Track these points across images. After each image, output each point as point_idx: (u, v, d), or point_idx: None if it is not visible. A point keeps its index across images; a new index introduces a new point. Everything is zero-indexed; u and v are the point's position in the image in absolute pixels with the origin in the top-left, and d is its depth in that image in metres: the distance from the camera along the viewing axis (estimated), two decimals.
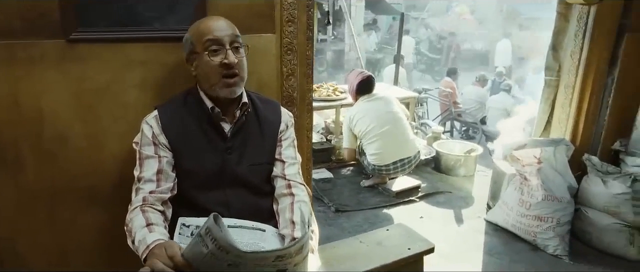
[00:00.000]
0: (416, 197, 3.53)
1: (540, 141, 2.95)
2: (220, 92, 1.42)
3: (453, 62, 11.26)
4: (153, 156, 1.40)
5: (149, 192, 1.36)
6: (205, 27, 1.41)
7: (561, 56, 2.96)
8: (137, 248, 1.24)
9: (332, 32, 11.91)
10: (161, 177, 1.39)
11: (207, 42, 1.38)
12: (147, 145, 1.41)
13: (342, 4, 7.55)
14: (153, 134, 1.42)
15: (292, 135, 1.62)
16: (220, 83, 1.40)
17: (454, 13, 12.39)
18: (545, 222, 2.73)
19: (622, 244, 2.67)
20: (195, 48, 1.42)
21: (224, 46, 1.39)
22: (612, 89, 2.86)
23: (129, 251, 1.65)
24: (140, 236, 1.23)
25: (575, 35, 2.81)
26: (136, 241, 1.24)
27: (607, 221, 2.70)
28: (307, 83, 2.03)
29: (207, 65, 1.39)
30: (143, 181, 1.38)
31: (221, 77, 1.40)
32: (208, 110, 1.45)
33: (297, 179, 1.56)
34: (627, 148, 2.89)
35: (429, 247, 1.94)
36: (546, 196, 2.72)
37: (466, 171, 3.97)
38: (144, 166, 1.39)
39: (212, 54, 1.39)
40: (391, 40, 12.24)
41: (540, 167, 2.78)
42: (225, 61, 1.38)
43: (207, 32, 1.39)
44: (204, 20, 1.46)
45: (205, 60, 1.39)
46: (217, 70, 1.39)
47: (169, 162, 1.42)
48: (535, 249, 2.77)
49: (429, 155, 4.19)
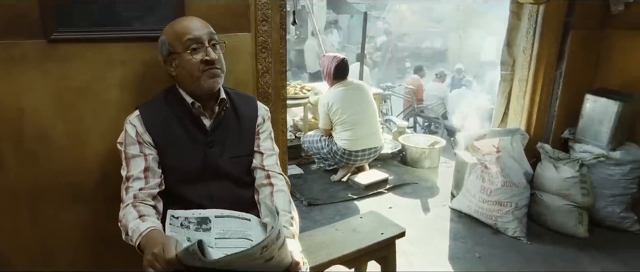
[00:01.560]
0: (384, 189, 3.68)
1: (498, 131, 3.16)
2: (204, 84, 1.47)
3: (389, 62, 11.42)
4: (139, 155, 1.45)
5: (139, 189, 1.41)
6: (183, 28, 1.46)
7: (515, 52, 3.17)
8: (131, 238, 1.29)
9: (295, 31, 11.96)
10: (149, 174, 1.44)
11: (187, 42, 1.44)
12: (132, 144, 1.46)
13: (306, 3, 7.64)
14: (137, 133, 1.46)
15: (269, 128, 1.70)
16: (203, 76, 1.46)
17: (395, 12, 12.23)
18: (504, 207, 2.93)
19: (573, 224, 2.91)
20: (174, 49, 1.46)
21: (203, 44, 1.45)
22: (560, 81, 3.10)
23: (112, 245, 1.71)
24: (133, 226, 1.29)
25: (527, 32, 3.03)
26: (129, 231, 1.29)
27: (559, 203, 2.93)
28: (281, 80, 2.12)
29: (189, 63, 1.45)
30: (132, 180, 1.42)
31: (203, 72, 1.45)
32: (189, 107, 1.50)
33: (276, 169, 1.64)
34: (575, 136, 3.14)
35: (400, 232, 2.07)
36: (505, 183, 2.92)
37: (431, 162, 4.16)
38: (131, 165, 1.44)
39: (193, 53, 1.44)
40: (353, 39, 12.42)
41: (499, 156, 2.97)
42: (206, 58, 1.44)
43: (186, 32, 1.44)
44: (178, 21, 1.51)
45: (186, 59, 1.45)
46: (199, 67, 1.45)
47: (155, 159, 1.47)
48: (497, 232, 2.97)
49: (395, 149, 4.36)
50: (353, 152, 3.62)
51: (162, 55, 1.51)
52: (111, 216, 1.71)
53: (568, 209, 2.90)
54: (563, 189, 2.91)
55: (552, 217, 2.97)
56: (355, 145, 3.60)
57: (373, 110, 3.72)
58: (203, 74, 1.45)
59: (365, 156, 3.69)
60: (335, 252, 1.90)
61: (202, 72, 1.45)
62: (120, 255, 1.79)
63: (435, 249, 2.81)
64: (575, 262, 2.67)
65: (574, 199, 2.89)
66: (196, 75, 1.46)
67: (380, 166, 4.15)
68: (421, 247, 2.79)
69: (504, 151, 2.98)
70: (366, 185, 3.67)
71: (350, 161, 3.68)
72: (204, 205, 1.49)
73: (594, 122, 3.00)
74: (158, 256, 1.16)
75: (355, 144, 3.60)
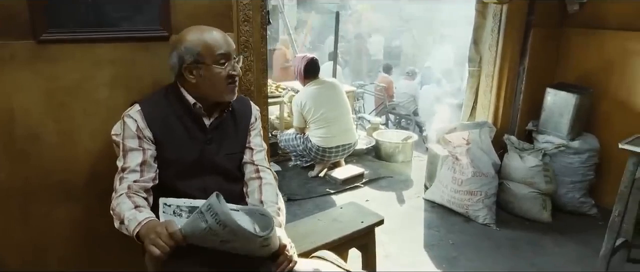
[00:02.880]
0: (361, 183, 3.80)
1: (467, 124, 3.33)
2: (226, 97, 1.57)
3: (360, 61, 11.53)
4: (137, 149, 1.49)
5: (133, 181, 1.46)
6: (215, 41, 1.52)
7: (481, 49, 3.35)
8: (127, 226, 1.34)
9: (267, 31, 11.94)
10: (144, 168, 1.49)
11: (218, 56, 1.51)
12: (131, 138, 1.50)
13: (278, 2, 7.71)
14: (138, 128, 1.51)
15: (259, 125, 1.80)
16: (227, 89, 1.56)
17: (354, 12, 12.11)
18: (475, 196, 3.10)
19: (537, 210, 3.10)
20: (203, 59, 1.51)
21: (230, 60, 1.55)
22: (523, 77, 3.29)
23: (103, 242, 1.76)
24: (130, 216, 1.35)
25: (492, 31, 3.21)
26: (126, 220, 1.34)
27: (525, 191, 3.12)
28: (262, 78, 2.20)
29: (217, 76, 1.52)
30: (127, 171, 1.47)
31: (227, 85, 1.55)
32: (189, 106, 1.57)
33: (264, 164, 1.74)
34: (537, 128, 3.35)
35: (379, 220, 2.19)
36: (475, 173, 3.09)
37: (404, 157, 4.31)
38: (127, 157, 1.49)
39: (220, 67, 1.53)
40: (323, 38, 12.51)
41: (469, 148, 3.14)
42: (232, 73, 1.54)
43: (219, 47, 1.52)
44: (207, 32, 1.54)
45: (215, 72, 1.52)
46: (225, 80, 1.54)
47: (152, 154, 1.53)
48: (468, 220, 3.14)
49: (370, 144, 4.49)
50: (327, 149, 3.72)
51: (185, 61, 1.51)
52: (102, 213, 1.76)
53: (533, 196, 3.10)
54: (528, 177, 3.10)
55: (519, 204, 3.16)
56: (329, 142, 3.71)
57: (346, 107, 3.83)
58: (227, 87, 1.55)
59: (340, 152, 3.81)
60: (319, 241, 1.99)
61: (226, 87, 1.55)
62: (111, 251, 1.86)
63: (411, 238, 2.94)
64: (540, 245, 2.86)
65: (538, 187, 3.08)
66: (220, 88, 1.54)
67: (355, 161, 4.28)
68: (398, 236, 2.93)
69: (473, 143, 3.15)
70: (343, 180, 3.79)
71: (324, 157, 3.79)
72: (197, 197, 1.57)
73: (554, 115, 3.21)
74: (161, 233, 1.23)
75: (329, 141, 3.71)
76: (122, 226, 1.37)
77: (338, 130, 3.72)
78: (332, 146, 3.73)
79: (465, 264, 2.64)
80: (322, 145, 3.71)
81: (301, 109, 3.73)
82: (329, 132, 3.69)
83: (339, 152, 3.81)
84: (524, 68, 3.27)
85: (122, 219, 1.37)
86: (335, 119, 3.71)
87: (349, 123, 3.85)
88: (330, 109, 3.68)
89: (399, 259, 2.68)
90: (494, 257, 2.71)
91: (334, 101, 3.74)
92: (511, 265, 2.63)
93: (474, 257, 2.71)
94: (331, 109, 3.69)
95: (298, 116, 3.79)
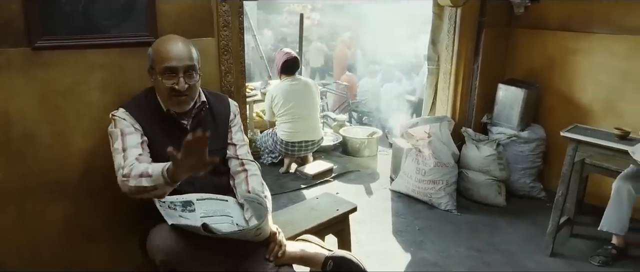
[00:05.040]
0: (330, 177, 4.00)
1: (428, 119, 3.58)
2: (170, 107, 1.66)
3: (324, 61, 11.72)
4: (134, 132, 1.60)
5: (139, 154, 1.55)
6: (166, 52, 1.60)
7: (439, 49, 3.61)
8: (152, 172, 1.42)
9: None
10: (144, 146, 1.60)
11: (164, 68, 1.60)
12: (127, 126, 1.61)
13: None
14: (128, 123, 1.62)
15: (239, 121, 1.93)
16: (170, 101, 1.64)
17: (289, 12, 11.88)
18: (437, 185, 3.35)
19: (493, 195, 3.40)
20: (155, 67, 1.63)
21: (177, 74, 1.61)
22: (477, 74, 3.58)
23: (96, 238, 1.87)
24: (154, 167, 1.44)
25: (448, 31, 3.47)
26: (150, 169, 1.43)
27: (482, 178, 3.40)
28: (241, 79, 2.35)
29: (162, 85, 1.62)
30: (129, 149, 1.55)
31: (170, 97, 1.63)
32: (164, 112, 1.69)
33: (248, 157, 1.88)
34: (491, 120, 3.65)
35: (352, 207, 2.37)
36: (436, 163, 3.34)
37: (370, 151, 4.54)
38: (125, 139, 1.57)
39: (166, 78, 1.60)
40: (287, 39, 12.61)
41: (430, 141, 3.39)
42: (176, 87, 1.60)
43: (166, 59, 1.59)
44: (165, 42, 1.64)
45: (160, 80, 1.62)
46: (169, 92, 1.62)
47: (146, 141, 1.63)
48: (432, 207, 3.39)
49: (337, 141, 4.69)
50: (290, 143, 3.90)
51: (148, 64, 1.67)
52: (95, 210, 1.88)
53: (489, 183, 3.38)
54: (484, 166, 3.39)
55: (477, 191, 3.44)
56: (293, 136, 3.88)
57: (315, 106, 4.00)
58: (171, 99, 1.63)
59: (303, 148, 3.98)
60: (299, 228, 2.15)
61: (169, 98, 1.63)
62: (103, 247, 1.95)
63: (380, 226, 3.16)
64: (496, 226, 3.14)
65: (493, 174, 3.37)
66: (165, 97, 1.64)
67: (324, 157, 4.47)
68: (368, 225, 3.14)
69: (434, 136, 3.40)
70: (313, 175, 3.96)
71: (288, 150, 3.96)
72: (187, 192, 1.69)
73: (506, 108, 3.52)
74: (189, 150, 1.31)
75: (293, 136, 3.88)
76: (141, 179, 1.43)
77: (304, 126, 3.89)
78: (296, 141, 3.90)
79: (431, 247, 2.88)
80: (286, 139, 3.89)
81: (271, 102, 3.90)
82: (294, 128, 3.86)
83: (302, 148, 3.97)
84: (477, 66, 3.56)
85: (142, 171, 1.43)
86: (302, 116, 3.87)
87: (315, 121, 4.02)
88: (298, 106, 3.84)
89: (371, 245, 2.89)
90: (456, 239, 2.96)
91: (304, 99, 3.90)
92: (471, 245, 2.89)
93: (438, 240, 2.96)
94: (300, 105, 3.85)
95: (268, 109, 3.98)
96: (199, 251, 1.46)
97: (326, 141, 4.58)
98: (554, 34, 3.47)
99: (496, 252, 2.82)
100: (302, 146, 3.94)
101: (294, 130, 3.86)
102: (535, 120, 3.60)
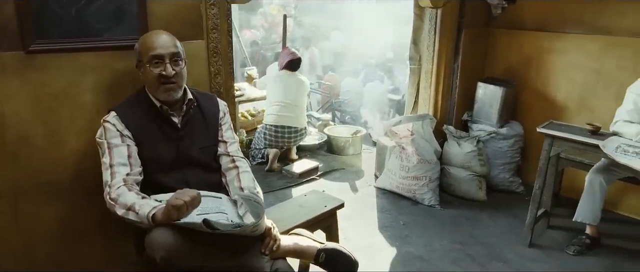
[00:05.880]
0: (316, 175, 4.07)
1: (411, 117, 3.68)
2: (160, 96, 1.72)
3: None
4: (121, 144, 1.65)
5: (126, 174, 1.60)
6: (151, 42, 1.69)
7: (420, 49, 3.70)
8: (138, 211, 1.48)
9: None
10: (132, 161, 1.65)
11: (151, 57, 1.67)
12: (114, 137, 1.65)
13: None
14: (117, 130, 1.66)
15: (229, 120, 1.99)
16: (159, 89, 1.70)
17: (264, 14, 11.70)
18: (420, 181, 3.45)
19: (474, 190, 3.51)
20: (141, 58, 1.70)
21: (163, 60, 1.68)
22: (457, 73, 3.69)
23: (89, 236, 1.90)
24: (142, 203, 1.50)
25: (429, 32, 3.56)
26: (136, 206, 1.49)
27: (463, 174, 3.52)
28: (230, 80, 2.40)
29: (150, 75, 1.69)
30: (117, 166, 1.60)
31: (160, 84, 1.69)
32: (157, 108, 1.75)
33: (239, 154, 1.94)
34: (472, 117, 3.77)
35: (340, 203, 2.45)
36: (419, 160, 3.44)
37: (354, 150, 4.63)
38: (113, 153, 1.62)
39: (153, 66, 1.68)
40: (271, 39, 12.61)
41: (413, 138, 3.49)
42: (163, 73, 1.68)
43: (151, 48, 1.67)
44: (149, 35, 1.73)
45: (148, 70, 1.68)
46: (157, 80, 1.69)
47: (135, 149, 1.68)
48: (415, 203, 3.49)
49: (322, 139, 4.77)
50: (274, 126, 4.07)
51: (136, 61, 1.73)
52: (88, 210, 1.91)
53: (470, 178, 3.50)
54: (465, 162, 3.50)
55: (459, 186, 3.55)
56: (278, 120, 4.08)
57: (301, 100, 4.18)
58: (159, 87, 1.69)
59: (286, 135, 4.10)
60: (290, 224, 2.21)
61: (159, 85, 1.69)
62: (97, 246, 1.99)
63: (366, 222, 3.24)
64: (478, 220, 3.26)
65: (474, 170, 3.49)
66: (154, 86, 1.70)
67: (309, 155, 4.54)
68: (354, 221, 3.22)
69: (417, 133, 3.50)
70: (299, 173, 4.03)
71: (272, 136, 4.09)
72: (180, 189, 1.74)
73: (485, 106, 3.64)
74: (182, 193, 1.43)
75: (279, 119, 4.08)
76: (128, 212, 1.49)
77: (287, 113, 4.09)
78: (278, 125, 4.07)
79: (416, 241, 2.97)
80: (272, 122, 4.08)
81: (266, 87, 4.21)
82: (280, 111, 4.08)
83: (285, 135, 4.10)
84: (458, 65, 3.67)
85: (130, 206, 1.49)
86: (288, 105, 4.08)
87: (300, 111, 4.19)
88: (287, 92, 4.09)
89: (358, 241, 2.96)
90: (439, 233, 3.07)
91: (292, 90, 4.11)
92: (454, 238, 3.00)
93: (422, 234, 3.06)
94: (287, 94, 4.09)
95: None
96: (198, 247, 1.51)
97: (311, 140, 4.65)
98: (530, 34, 3.60)
99: (478, 244, 2.93)
100: (285, 132, 4.09)
101: (280, 114, 4.07)
102: (513, 117, 3.74)
